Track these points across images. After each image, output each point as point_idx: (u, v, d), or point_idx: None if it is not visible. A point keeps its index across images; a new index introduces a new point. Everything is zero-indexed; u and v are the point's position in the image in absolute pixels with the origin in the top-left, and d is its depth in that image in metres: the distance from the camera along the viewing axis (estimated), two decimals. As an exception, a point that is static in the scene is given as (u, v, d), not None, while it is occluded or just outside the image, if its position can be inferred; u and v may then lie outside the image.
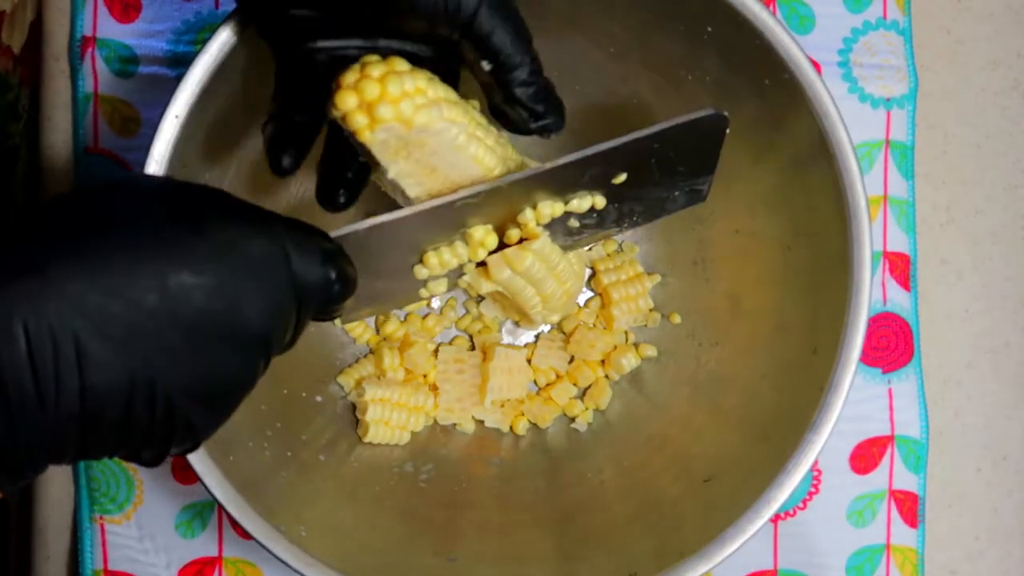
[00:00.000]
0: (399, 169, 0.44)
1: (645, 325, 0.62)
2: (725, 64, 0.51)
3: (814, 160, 0.50)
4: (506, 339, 0.63)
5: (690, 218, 0.55)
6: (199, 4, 0.62)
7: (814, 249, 0.52)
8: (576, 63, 0.57)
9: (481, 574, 0.52)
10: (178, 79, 0.46)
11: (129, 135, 0.62)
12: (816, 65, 0.50)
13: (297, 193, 0.58)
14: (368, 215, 0.61)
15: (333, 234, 0.42)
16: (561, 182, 0.48)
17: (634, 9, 0.52)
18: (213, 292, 0.35)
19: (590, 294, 0.64)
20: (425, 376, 0.61)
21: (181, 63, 0.62)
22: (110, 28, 0.62)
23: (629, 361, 0.61)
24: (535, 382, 0.63)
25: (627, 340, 0.63)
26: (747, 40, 0.49)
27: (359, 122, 0.41)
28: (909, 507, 0.63)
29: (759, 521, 0.48)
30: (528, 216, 0.48)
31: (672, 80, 0.55)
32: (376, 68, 0.41)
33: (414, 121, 0.41)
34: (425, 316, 0.63)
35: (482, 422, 0.62)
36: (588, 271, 0.63)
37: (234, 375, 0.37)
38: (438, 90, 0.42)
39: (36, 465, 0.34)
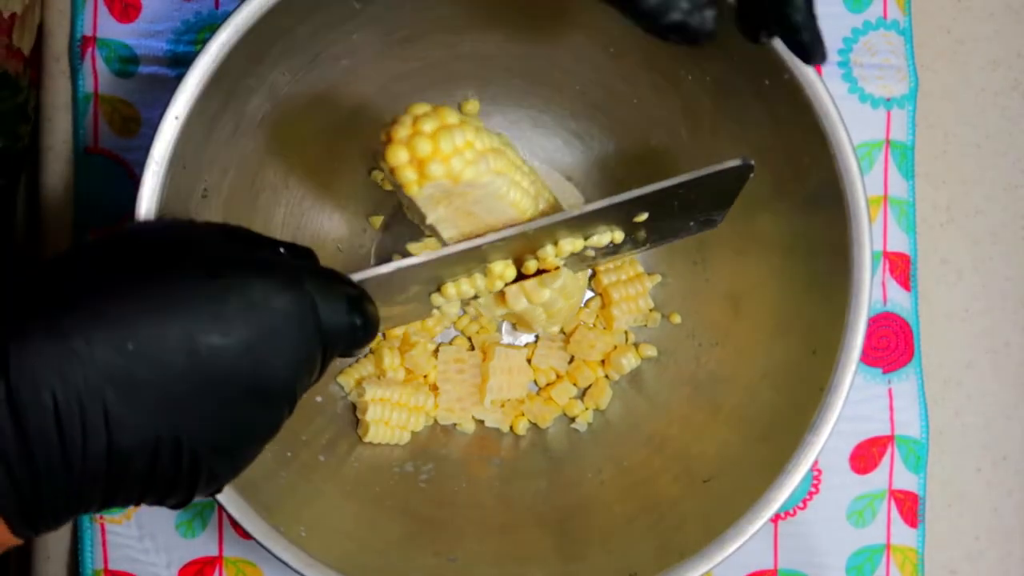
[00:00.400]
0: (438, 215, 0.45)
1: (645, 325, 0.62)
2: (725, 64, 0.51)
3: (814, 160, 0.50)
4: (506, 339, 0.63)
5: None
6: (199, 4, 0.62)
7: (814, 249, 0.52)
8: (576, 63, 0.57)
9: (481, 574, 0.52)
10: (178, 79, 0.46)
11: (129, 135, 0.62)
12: (816, 65, 0.50)
13: (297, 195, 0.58)
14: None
15: (356, 277, 0.42)
16: (583, 222, 0.48)
17: (634, 9, 0.52)
18: (241, 351, 0.35)
19: (590, 294, 0.64)
20: (425, 376, 0.61)
21: (181, 63, 0.62)
22: (110, 28, 0.62)
23: (629, 361, 0.61)
24: (535, 382, 0.63)
25: (627, 340, 0.63)
26: (747, 40, 0.49)
27: (408, 177, 0.41)
28: (909, 507, 0.63)
29: (759, 521, 0.48)
30: (549, 251, 0.50)
31: (672, 80, 0.55)
32: (428, 122, 0.41)
33: (463, 177, 0.42)
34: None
35: (482, 422, 0.62)
36: (588, 272, 0.63)
37: (260, 427, 0.37)
38: (484, 140, 0.43)
39: (61, 519, 0.35)
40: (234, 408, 0.35)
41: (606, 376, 0.62)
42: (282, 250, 0.43)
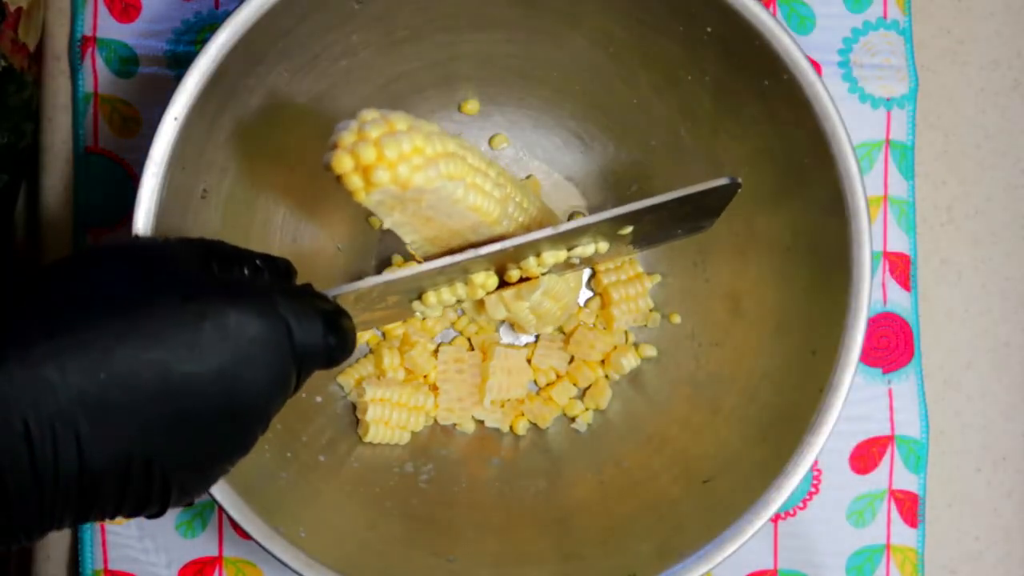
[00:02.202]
0: (394, 220, 0.45)
1: (645, 325, 0.62)
2: (725, 64, 0.51)
3: (814, 160, 0.50)
4: (505, 339, 0.63)
5: (690, 218, 0.55)
6: (199, 4, 0.62)
7: (814, 249, 0.52)
8: (576, 63, 0.57)
9: (481, 574, 0.52)
10: (178, 79, 0.46)
11: (129, 135, 0.62)
12: (816, 65, 0.50)
13: (297, 195, 0.58)
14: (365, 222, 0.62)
15: (332, 293, 0.42)
16: (566, 237, 0.48)
17: (633, 9, 0.52)
18: (214, 378, 0.35)
19: (590, 294, 0.64)
20: (425, 376, 0.61)
21: (181, 63, 0.62)
22: (110, 28, 0.62)
23: (629, 361, 0.61)
24: (535, 382, 0.63)
25: (627, 340, 0.63)
26: (747, 40, 0.49)
27: (355, 183, 0.41)
28: (909, 507, 0.63)
29: (759, 522, 0.48)
30: (531, 263, 0.49)
31: (672, 80, 0.55)
32: (374, 128, 0.40)
33: (411, 183, 0.41)
34: (424, 316, 0.63)
35: (482, 422, 0.62)
36: (587, 271, 0.63)
37: (232, 446, 0.38)
38: (436, 145, 0.42)
39: (32, 535, 0.35)
40: (206, 431, 0.36)
41: (606, 376, 0.62)
42: (258, 262, 0.43)
